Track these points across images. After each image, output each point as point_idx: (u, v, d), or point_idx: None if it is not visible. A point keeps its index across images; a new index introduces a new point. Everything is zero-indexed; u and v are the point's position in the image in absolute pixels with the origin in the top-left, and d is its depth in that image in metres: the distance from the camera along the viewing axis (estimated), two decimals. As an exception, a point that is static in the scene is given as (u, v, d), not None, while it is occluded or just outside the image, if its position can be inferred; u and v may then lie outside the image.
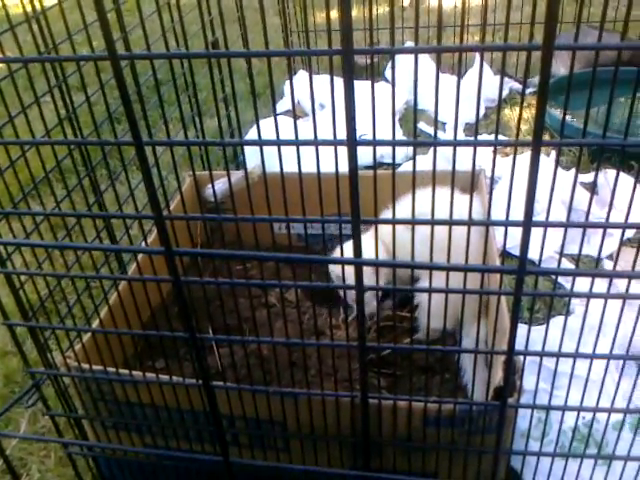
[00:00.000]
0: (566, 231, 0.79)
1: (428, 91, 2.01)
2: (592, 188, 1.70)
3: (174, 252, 0.69)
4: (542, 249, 0.83)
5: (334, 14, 3.13)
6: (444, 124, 2.45)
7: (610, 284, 0.81)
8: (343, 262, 0.75)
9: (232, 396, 0.91)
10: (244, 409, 0.92)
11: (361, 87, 0.72)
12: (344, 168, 0.66)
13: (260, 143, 0.73)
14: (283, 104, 2.61)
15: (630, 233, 1.73)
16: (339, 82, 0.59)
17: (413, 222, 0.68)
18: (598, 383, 0.94)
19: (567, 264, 1.61)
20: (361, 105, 0.72)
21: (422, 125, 2.49)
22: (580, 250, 1.48)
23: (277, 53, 0.69)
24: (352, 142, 0.63)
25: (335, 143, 0.69)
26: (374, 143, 0.71)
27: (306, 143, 0.75)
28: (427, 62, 2.48)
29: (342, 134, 0.64)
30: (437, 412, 0.88)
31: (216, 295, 0.91)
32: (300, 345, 0.84)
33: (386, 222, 0.74)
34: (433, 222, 0.67)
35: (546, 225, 0.75)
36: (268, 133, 0.74)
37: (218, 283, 0.76)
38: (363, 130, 0.75)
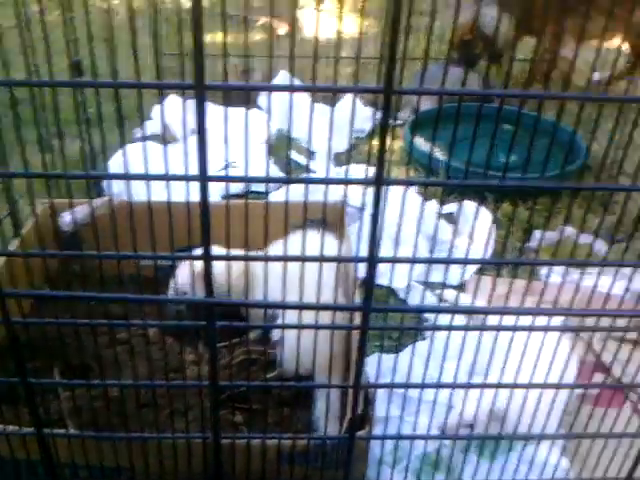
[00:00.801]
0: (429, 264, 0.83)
1: (299, 121, 2.04)
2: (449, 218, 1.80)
3: (4, 294, 0.64)
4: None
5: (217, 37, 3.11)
6: (314, 153, 2.51)
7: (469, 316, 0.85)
8: (194, 302, 0.73)
9: (74, 443, 0.85)
10: (87, 457, 0.86)
11: (235, 114, 0.71)
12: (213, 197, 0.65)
13: (110, 177, 0.70)
14: (151, 128, 2.54)
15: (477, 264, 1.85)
16: (214, 109, 0.58)
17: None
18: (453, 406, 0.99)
19: (428, 294, 1.69)
20: (234, 132, 0.71)
21: (293, 154, 2.53)
22: (426, 278, 1.56)
23: (127, 84, 0.66)
24: (203, 177, 0.62)
25: (186, 178, 0.67)
26: (226, 179, 0.70)
27: (157, 178, 0.73)
28: (299, 93, 2.53)
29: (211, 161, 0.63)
30: (291, 448, 0.88)
31: (72, 333, 0.85)
32: (150, 386, 0.80)
33: (240, 259, 0.74)
34: (285, 258, 0.67)
35: (393, 261, 0.78)
36: (134, 158, 0.71)
37: (45, 323, 0.71)
38: (235, 158, 0.75)
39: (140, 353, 1.21)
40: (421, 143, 2.42)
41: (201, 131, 0.58)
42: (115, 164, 1.90)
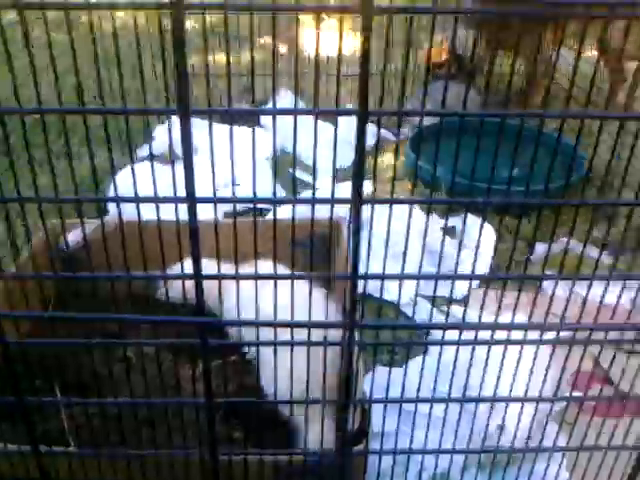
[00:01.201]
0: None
1: (301, 138, 2.06)
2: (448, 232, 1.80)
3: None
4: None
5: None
6: (318, 170, 2.52)
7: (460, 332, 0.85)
8: (188, 322, 0.74)
9: (73, 461, 0.86)
10: (86, 474, 0.87)
11: (238, 133, 0.73)
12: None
13: (99, 200, 0.72)
14: (154, 148, 2.58)
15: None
16: (219, 128, 0.60)
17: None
18: (452, 423, 0.99)
19: (424, 305, 1.69)
20: (239, 151, 0.74)
21: (297, 172, 2.55)
22: (420, 290, 1.55)
23: (114, 111, 0.68)
24: (191, 199, 0.63)
25: (175, 200, 0.69)
26: (214, 200, 0.72)
27: (146, 200, 0.75)
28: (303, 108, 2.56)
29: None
30: (288, 464, 0.88)
31: (70, 351, 0.87)
32: (146, 404, 0.81)
33: (228, 277, 0.75)
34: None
35: (382, 277, 0.79)
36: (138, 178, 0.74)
37: (40, 344, 0.73)
38: (239, 176, 0.77)
39: (138, 370, 1.23)
40: (423, 159, 2.44)
41: (187, 155, 0.59)
42: (119, 183, 1.93)
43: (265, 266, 0.85)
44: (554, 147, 0.82)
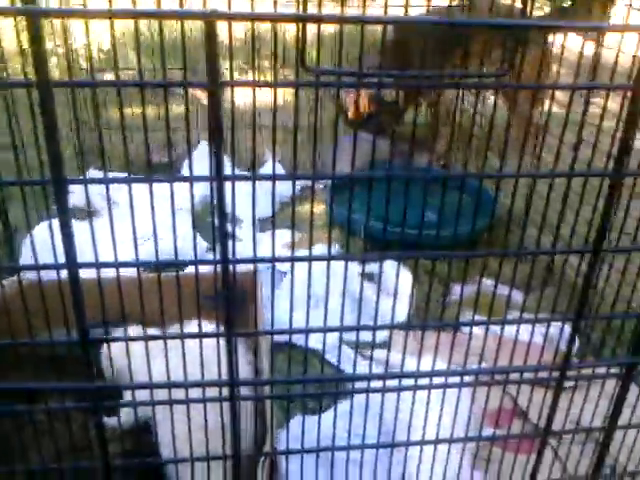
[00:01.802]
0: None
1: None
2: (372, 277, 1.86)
3: None
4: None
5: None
6: (241, 220, 2.54)
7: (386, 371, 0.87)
8: (78, 389, 0.72)
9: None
10: None
11: (158, 186, 0.73)
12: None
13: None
14: (72, 200, 2.51)
15: (402, 318, 1.91)
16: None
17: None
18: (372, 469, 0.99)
19: (347, 350, 1.71)
20: (157, 204, 0.73)
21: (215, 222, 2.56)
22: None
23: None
24: (71, 265, 0.61)
25: (57, 267, 0.67)
26: (97, 265, 0.70)
27: (27, 268, 0.72)
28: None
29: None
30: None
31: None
32: (41, 471, 0.78)
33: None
34: (166, 337, 0.68)
35: (289, 332, 0.80)
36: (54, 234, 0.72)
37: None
38: (160, 229, 0.77)
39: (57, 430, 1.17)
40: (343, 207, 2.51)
41: (66, 226, 0.56)
42: (35, 239, 1.86)
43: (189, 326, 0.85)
44: (473, 192, 0.88)
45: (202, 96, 3.71)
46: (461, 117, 2.63)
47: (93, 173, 2.67)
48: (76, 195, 2.54)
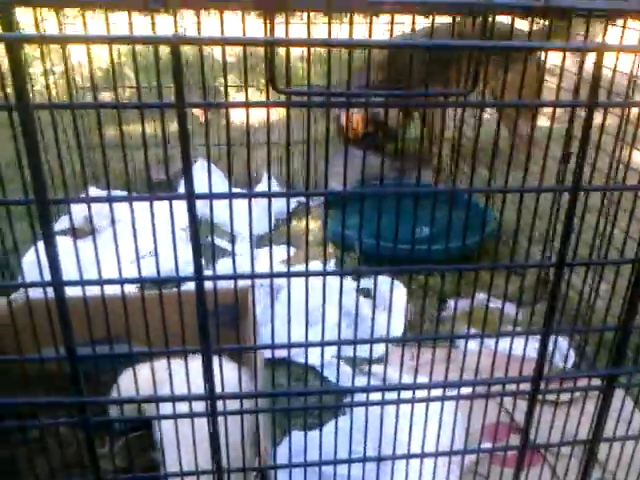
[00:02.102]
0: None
1: (220, 205, 2.09)
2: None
3: None
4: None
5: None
6: (237, 236, 2.56)
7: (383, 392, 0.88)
8: (66, 403, 0.72)
9: None
10: None
11: (156, 204, 0.75)
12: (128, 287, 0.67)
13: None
14: (65, 222, 2.52)
15: (398, 333, 1.91)
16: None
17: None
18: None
19: (344, 367, 1.72)
20: (158, 221, 0.75)
21: (216, 239, 2.59)
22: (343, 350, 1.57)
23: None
24: (57, 282, 0.62)
25: (43, 285, 0.68)
26: (81, 283, 0.71)
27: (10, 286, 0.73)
28: (219, 177, 2.61)
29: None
30: None
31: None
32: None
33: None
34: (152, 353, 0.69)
35: (289, 346, 0.81)
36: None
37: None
38: (160, 245, 0.79)
39: (52, 451, 1.17)
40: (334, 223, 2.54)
41: (50, 245, 0.57)
42: (29, 260, 1.88)
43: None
44: (465, 207, 0.90)
45: (199, 114, 3.75)
46: (454, 133, 2.67)
47: (92, 190, 2.69)
48: (76, 213, 2.56)
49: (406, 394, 0.81)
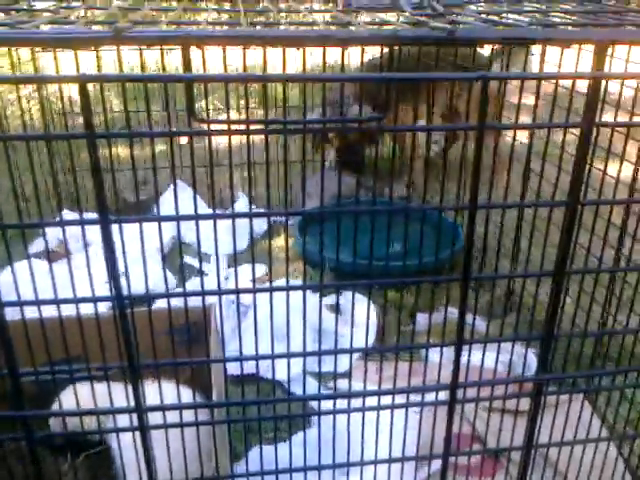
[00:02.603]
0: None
1: (192, 226, 2.13)
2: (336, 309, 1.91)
3: None
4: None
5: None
6: (209, 256, 2.59)
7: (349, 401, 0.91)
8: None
9: None
10: None
11: (129, 227, 0.78)
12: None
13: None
14: (40, 244, 2.53)
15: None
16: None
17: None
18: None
19: (311, 381, 1.75)
20: (130, 243, 0.78)
21: (188, 259, 2.63)
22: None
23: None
24: None
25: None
26: (20, 304, 0.74)
27: None
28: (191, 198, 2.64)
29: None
30: None
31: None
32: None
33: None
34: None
35: (256, 358, 0.85)
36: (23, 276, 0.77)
37: None
38: (131, 267, 0.83)
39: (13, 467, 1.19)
40: (308, 240, 2.58)
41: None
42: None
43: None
44: (436, 223, 0.94)
45: (180, 137, 3.77)
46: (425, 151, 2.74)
47: (66, 213, 2.70)
48: (50, 236, 2.58)
49: (357, 402, 0.84)
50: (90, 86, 0.57)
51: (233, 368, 1.42)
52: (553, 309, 0.74)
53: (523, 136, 1.41)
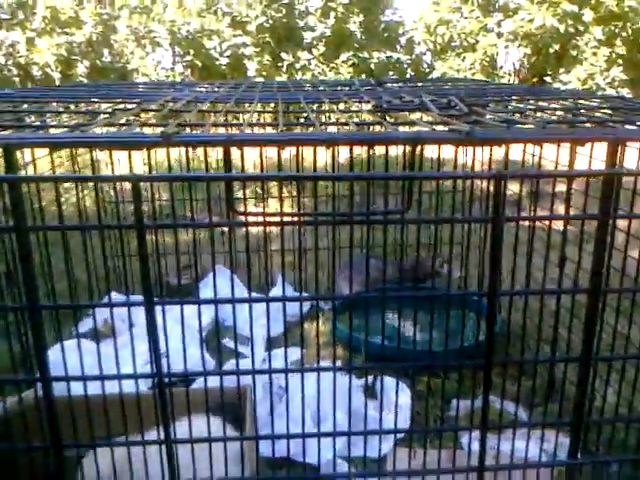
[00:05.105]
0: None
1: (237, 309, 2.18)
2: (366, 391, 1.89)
3: None
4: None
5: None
6: (248, 339, 2.62)
7: None
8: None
9: None
10: None
11: (172, 309, 0.84)
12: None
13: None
14: (88, 323, 2.62)
15: (400, 435, 1.91)
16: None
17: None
18: None
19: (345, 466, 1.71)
20: (172, 326, 0.83)
21: (226, 341, 2.66)
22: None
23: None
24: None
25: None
26: (66, 379, 0.78)
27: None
28: (236, 282, 2.71)
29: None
30: None
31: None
32: None
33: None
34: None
35: (287, 437, 0.87)
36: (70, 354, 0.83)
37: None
38: (173, 349, 0.87)
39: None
40: (344, 326, 2.60)
41: (38, 344, 0.68)
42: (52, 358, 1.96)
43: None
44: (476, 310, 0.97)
45: (222, 224, 3.91)
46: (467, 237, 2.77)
47: (114, 295, 2.80)
48: (91, 319, 2.66)
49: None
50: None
51: (265, 449, 1.41)
52: (581, 393, 0.75)
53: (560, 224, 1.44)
